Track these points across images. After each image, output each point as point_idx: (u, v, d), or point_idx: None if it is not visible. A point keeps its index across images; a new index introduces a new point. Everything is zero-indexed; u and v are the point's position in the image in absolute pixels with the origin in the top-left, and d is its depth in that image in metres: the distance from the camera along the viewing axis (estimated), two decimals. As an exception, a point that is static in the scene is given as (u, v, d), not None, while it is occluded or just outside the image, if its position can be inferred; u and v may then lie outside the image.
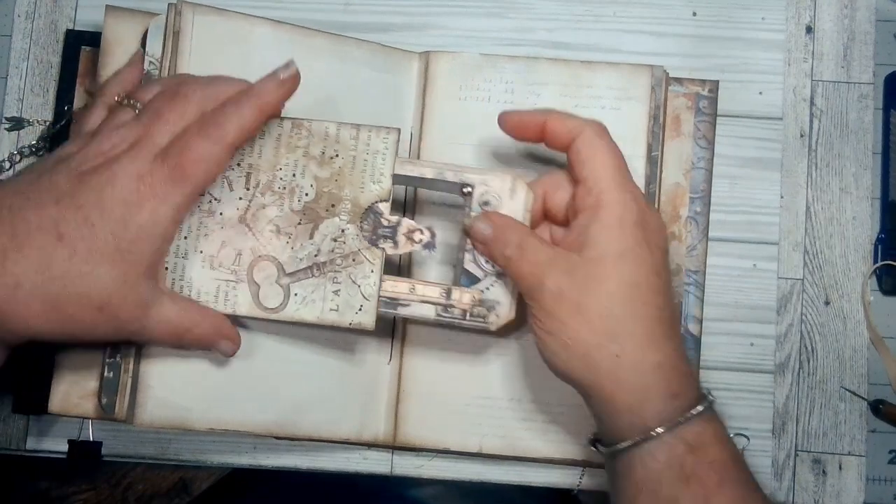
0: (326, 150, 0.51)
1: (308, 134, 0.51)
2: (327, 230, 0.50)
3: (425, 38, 0.59)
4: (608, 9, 0.60)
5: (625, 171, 0.48)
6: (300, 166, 0.50)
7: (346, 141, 0.51)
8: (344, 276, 0.50)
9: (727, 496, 0.44)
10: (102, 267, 0.45)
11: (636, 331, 0.45)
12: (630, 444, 0.45)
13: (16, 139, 0.58)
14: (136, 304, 0.46)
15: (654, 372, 0.45)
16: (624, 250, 0.46)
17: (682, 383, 0.46)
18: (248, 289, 0.50)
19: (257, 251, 0.50)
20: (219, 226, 0.50)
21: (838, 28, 0.59)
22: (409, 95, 0.57)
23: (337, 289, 0.50)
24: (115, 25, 0.54)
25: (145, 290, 0.46)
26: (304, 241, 0.50)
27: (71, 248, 0.44)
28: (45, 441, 0.56)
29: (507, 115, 0.51)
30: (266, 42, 0.53)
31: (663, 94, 0.56)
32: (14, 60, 0.59)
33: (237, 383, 0.51)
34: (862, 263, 0.58)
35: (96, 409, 0.50)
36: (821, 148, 0.58)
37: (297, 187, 0.50)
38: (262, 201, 0.50)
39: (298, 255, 0.50)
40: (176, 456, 0.56)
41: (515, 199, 0.50)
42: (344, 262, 0.50)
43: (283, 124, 0.51)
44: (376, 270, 0.50)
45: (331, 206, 0.50)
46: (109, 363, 0.50)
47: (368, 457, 0.56)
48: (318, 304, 0.50)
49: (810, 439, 0.56)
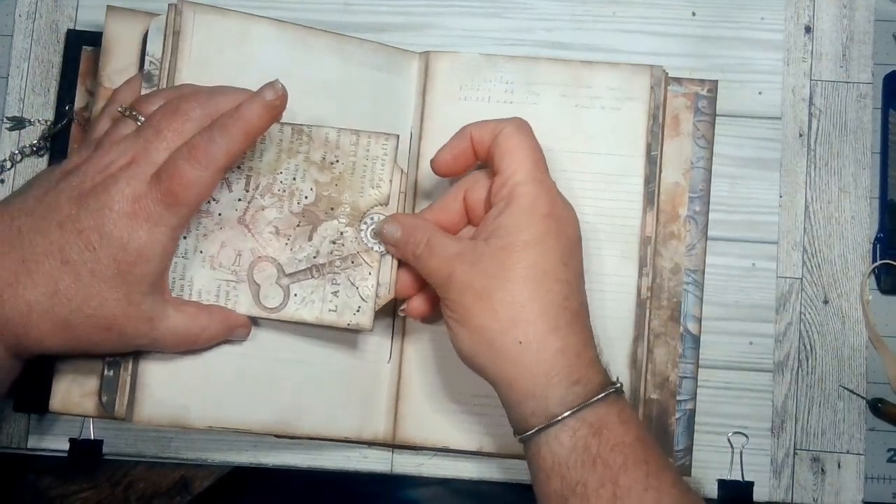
0: (327, 156, 0.51)
1: (308, 140, 0.51)
2: (326, 232, 0.51)
3: (425, 38, 0.59)
4: (608, 9, 0.60)
5: (541, 165, 0.49)
6: (301, 170, 0.51)
7: (347, 147, 0.51)
8: (343, 278, 0.51)
9: (632, 477, 0.44)
10: (106, 289, 0.46)
11: (539, 318, 0.46)
12: (536, 430, 0.45)
13: (17, 139, 0.59)
14: (142, 321, 0.47)
15: (555, 358, 0.45)
16: (531, 239, 0.46)
17: (585, 370, 0.46)
18: (248, 289, 0.51)
19: (257, 252, 0.51)
20: (217, 227, 0.50)
21: (837, 28, 0.59)
22: (409, 95, 0.57)
23: (336, 290, 0.51)
24: (115, 25, 0.55)
25: (150, 306, 0.48)
26: (303, 242, 0.51)
27: (75, 273, 0.46)
28: (46, 440, 0.56)
29: (435, 160, 0.51)
30: (267, 41, 0.53)
31: (663, 94, 0.56)
32: (15, 60, 0.59)
33: (237, 382, 0.52)
34: (861, 263, 0.58)
35: (97, 407, 0.51)
36: (820, 147, 0.59)
37: (298, 190, 0.51)
38: (261, 203, 0.51)
39: (297, 257, 0.51)
40: (176, 454, 0.56)
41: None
42: (343, 265, 0.51)
43: (283, 130, 0.51)
44: (374, 273, 0.51)
45: (330, 209, 0.51)
46: (109, 362, 0.50)
47: (368, 455, 0.56)
48: (318, 304, 0.51)
49: (809, 438, 0.56)
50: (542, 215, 0.47)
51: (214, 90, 0.49)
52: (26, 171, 0.58)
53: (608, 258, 0.54)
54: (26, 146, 0.58)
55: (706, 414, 0.56)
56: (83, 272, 0.46)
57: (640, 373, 0.54)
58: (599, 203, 0.55)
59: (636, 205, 0.55)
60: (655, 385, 0.55)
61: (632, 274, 0.54)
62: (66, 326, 0.46)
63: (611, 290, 0.54)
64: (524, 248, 0.46)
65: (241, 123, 0.47)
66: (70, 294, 0.46)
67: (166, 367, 0.51)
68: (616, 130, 0.55)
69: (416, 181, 0.56)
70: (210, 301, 0.50)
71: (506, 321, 0.46)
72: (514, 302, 0.46)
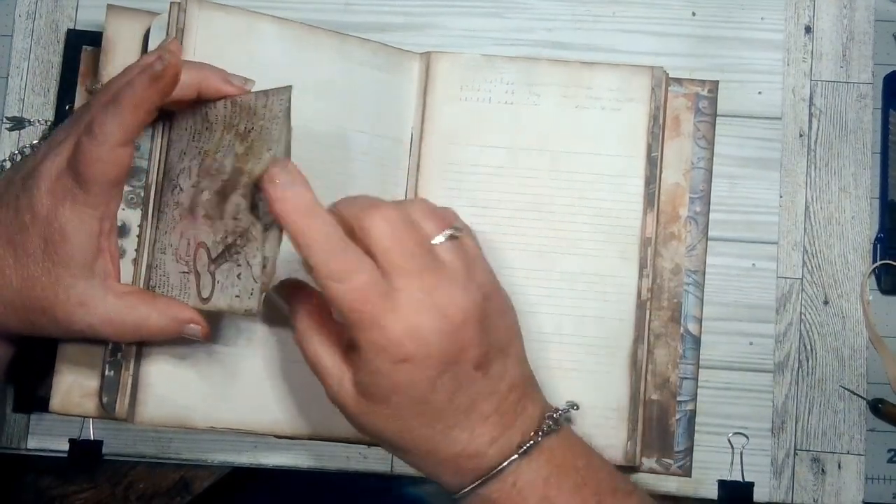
0: (246, 125, 0.47)
1: (239, 111, 0.48)
2: (230, 208, 0.46)
3: (425, 38, 0.59)
4: (608, 9, 0.60)
5: (396, 266, 0.42)
6: (229, 145, 0.47)
7: (259, 110, 0.46)
8: (242, 258, 0.45)
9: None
10: (38, 270, 0.46)
11: (412, 448, 0.45)
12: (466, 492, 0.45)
13: (17, 139, 0.59)
14: (74, 304, 0.46)
15: (448, 464, 0.45)
16: (390, 383, 0.43)
17: (482, 456, 0.44)
18: (194, 279, 0.47)
19: (197, 238, 0.47)
20: (180, 217, 0.49)
21: (837, 28, 0.59)
22: (410, 95, 0.57)
23: (239, 272, 0.45)
24: (116, 24, 0.55)
25: (82, 290, 0.46)
26: (218, 222, 0.46)
27: (15, 253, 0.46)
28: (46, 440, 0.56)
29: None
30: (270, 39, 0.53)
31: (663, 95, 0.56)
32: (15, 60, 0.59)
33: (238, 382, 0.52)
34: (861, 263, 0.58)
35: (97, 408, 0.51)
36: (820, 148, 0.59)
37: (221, 167, 0.47)
38: (202, 186, 0.48)
39: (216, 238, 0.46)
40: (177, 455, 0.56)
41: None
42: (241, 242, 0.45)
43: (226, 105, 0.48)
44: (260, 248, 0.44)
45: (238, 182, 0.46)
46: (110, 362, 0.50)
47: (368, 455, 0.56)
48: (229, 290, 0.45)
49: (809, 438, 0.56)
50: (392, 362, 0.42)
51: (127, 68, 0.48)
52: (26, 172, 0.58)
53: (608, 259, 0.54)
54: (26, 146, 0.58)
55: (706, 414, 0.56)
56: (20, 252, 0.46)
57: (641, 374, 0.54)
58: (600, 204, 0.55)
59: (636, 206, 0.55)
60: (656, 386, 0.55)
61: (632, 275, 0.54)
62: (14, 309, 0.46)
63: (611, 292, 0.54)
64: (390, 391, 0.43)
65: (129, 95, 0.45)
66: (11, 275, 0.46)
67: (168, 368, 0.51)
68: (616, 131, 0.55)
69: (416, 181, 0.56)
70: (177, 297, 0.48)
71: (395, 439, 0.45)
72: (385, 440, 0.45)
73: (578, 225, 0.55)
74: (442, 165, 0.56)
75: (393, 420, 0.44)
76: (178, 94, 0.47)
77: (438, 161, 0.56)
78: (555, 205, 0.55)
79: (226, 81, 0.48)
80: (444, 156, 0.56)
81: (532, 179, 0.55)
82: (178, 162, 0.50)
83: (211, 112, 0.49)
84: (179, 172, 0.49)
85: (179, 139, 0.50)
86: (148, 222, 0.50)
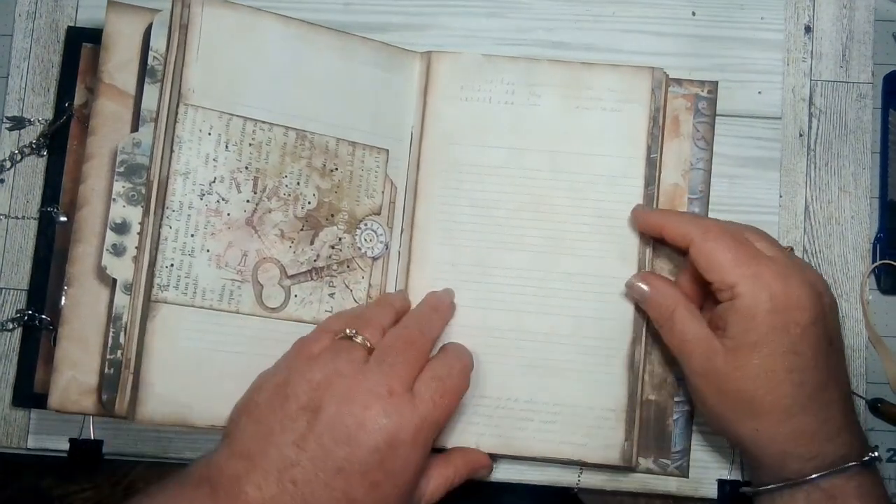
0: (327, 163, 0.54)
1: (311, 146, 0.53)
2: (326, 238, 0.54)
3: (425, 38, 0.59)
4: (608, 9, 0.60)
5: (746, 259, 0.49)
6: (304, 175, 0.54)
7: (344, 156, 0.54)
8: (339, 281, 0.54)
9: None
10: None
11: (770, 411, 0.48)
12: (772, 488, 0.49)
13: (17, 139, 0.59)
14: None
15: (790, 441, 0.48)
16: (757, 341, 0.48)
17: (821, 446, 0.48)
18: (252, 289, 0.52)
19: (262, 253, 0.52)
20: (226, 226, 0.52)
21: (837, 28, 0.59)
22: (411, 95, 0.57)
23: (332, 292, 0.54)
24: (116, 21, 0.54)
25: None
26: (305, 246, 0.54)
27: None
28: (47, 439, 0.56)
29: (635, 212, 0.54)
30: (274, 37, 0.54)
31: (663, 97, 0.56)
32: (15, 60, 0.59)
33: (239, 381, 0.51)
34: (860, 262, 0.58)
35: (96, 405, 0.51)
36: (820, 147, 0.59)
37: (301, 195, 0.54)
38: (268, 205, 0.53)
39: (300, 259, 0.53)
40: (177, 454, 0.56)
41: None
42: (339, 269, 0.54)
43: (288, 134, 0.52)
44: (366, 277, 0.54)
45: (330, 215, 0.54)
46: (110, 360, 0.50)
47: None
48: (315, 305, 0.53)
49: (808, 438, 0.56)
50: (765, 312, 0.48)
51: (424, 311, 0.53)
52: (26, 171, 0.58)
53: (607, 260, 0.55)
54: (26, 145, 0.58)
55: (705, 414, 0.56)
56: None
57: (639, 374, 0.54)
58: (599, 204, 0.55)
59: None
60: (654, 386, 0.55)
61: (631, 275, 0.54)
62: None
63: (610, 292, 0.54)
64: (751, 349, 0.48)
65: (463, 366, 0.51)
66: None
67: (169, 366, 0.51)
68: (616, 132, 0.55)
69: (416, 181, 0.56)
70: (213, 300, 0.50)
71: (741, 412, 0.49)
72: (746, 398, 0.48)
73: (578, 225, 0.55)
74: (442, 165, 0.56)
75: (763, 372, 0.48)
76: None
77: (438, 161, 0.56)
78: (554, 205, 0.55)
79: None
80: (444, 155, 0.56)
81: (532, 179, 0.55)
82: (205, 167, 0.52)
83: (255, 130, 0.52)
84: (213, 180, 0.52)
85: (198, 140, 0.52)
86: (149, 219, 0.51)
